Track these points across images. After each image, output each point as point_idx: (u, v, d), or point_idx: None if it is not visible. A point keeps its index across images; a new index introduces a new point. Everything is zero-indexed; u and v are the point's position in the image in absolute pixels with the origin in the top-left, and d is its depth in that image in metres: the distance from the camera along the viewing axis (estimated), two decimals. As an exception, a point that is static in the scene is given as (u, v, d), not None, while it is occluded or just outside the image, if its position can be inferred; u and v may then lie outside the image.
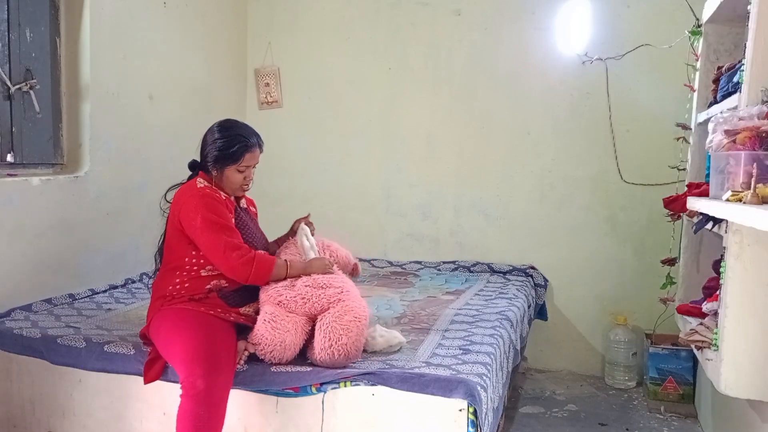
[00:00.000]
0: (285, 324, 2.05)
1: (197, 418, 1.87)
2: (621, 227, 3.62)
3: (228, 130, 2.25)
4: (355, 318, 2.06)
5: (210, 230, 2.12)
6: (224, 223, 2.16)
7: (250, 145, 2.23)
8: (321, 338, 2.03)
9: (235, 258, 2.10)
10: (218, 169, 2.23)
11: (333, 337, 2.02)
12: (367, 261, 3.82)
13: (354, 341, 2.04)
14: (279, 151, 4.13)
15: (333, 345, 2.01)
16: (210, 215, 2.13)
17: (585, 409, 3.17)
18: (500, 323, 2.59)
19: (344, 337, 2.02)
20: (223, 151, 2.21)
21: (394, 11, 3.91)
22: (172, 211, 2.23)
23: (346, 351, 2.02)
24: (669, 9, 3.38)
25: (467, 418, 1.88)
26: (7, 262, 2.58)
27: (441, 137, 3.89)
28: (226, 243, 2.11)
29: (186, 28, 3.57)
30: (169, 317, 2.12)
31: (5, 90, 2.64)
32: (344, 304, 2.09)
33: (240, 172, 2.24)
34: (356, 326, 2.05)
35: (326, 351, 2.02)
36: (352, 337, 2.03)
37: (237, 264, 2.11)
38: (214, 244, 2.12)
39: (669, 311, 3.07)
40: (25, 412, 2.35)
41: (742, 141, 1.74)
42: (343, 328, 2.03)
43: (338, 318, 2.04)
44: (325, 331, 2.04)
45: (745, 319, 1.83)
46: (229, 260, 2.11)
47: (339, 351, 2.01)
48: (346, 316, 2.05)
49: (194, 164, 2.32)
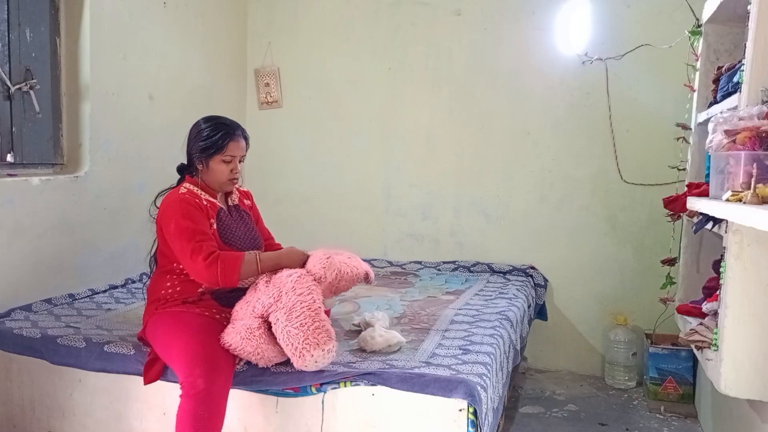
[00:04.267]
0: (235, 339, 1.99)
1: (197, 418, 1.87)
2: (621, 227, 3.62)
3: (211, 121, 2.25)
4: (303, 309, 1.96)
5: (181, 237, 2.09)
6: (197, 228, 2.10)
7: (233, 134, 2.22)
8: (286, 347, 1.96)
9: (200, 261, 2.05)
10: (204, 162, 2.22)
11: (294, 342, 1.94)
12: (367, 261, 3.81)
13: (313, 333, 1.94)
14: (279, 151, 4.13)
15: (298, 348, 1.94)
16: (183, 221, 2.10)
17: (585, 409, 3.17)
18: (500, 323, 2.59)
19: (301, 333, 1.93)
20: (207, 140, 2.20)
21: (394, 11, 3.91)
22: (158, 216, 2.23)
23: (316, 344, 1.93)
24: (669, 9, 3.38)
25: (467, 418, 1.88)
26: (7, 262, 2.58)
27: (441, 137, 3.89)
28: (193, 248, 2.06)
29: (186, 28, 3.57)
30: (165, 320, 2.12)
31: (5, 90, 2.64)
32: (287, 298, 1.98)
33: (226, 162, 2.22)
34: (309, 317, 1.95)
35: (297, 357, 1.94)
36: (308, 329, 1.94)
37: (202, 267, 2.05)
38: (182, 251, 2.09)
39: (669, 311, 3.07)
40: (25, 412, 2.35)
41: (742, 141, 1.74)
42: (296, 326, 1.94)
43: (288, 318, 1.96)
44: (284, 338, 1.96)
45: (745, 319, 1.83)
46: (195, 264, 2.06)
47: (308, 350, 1.93)
48: (294, 312, 1.96)
49: (182, 167, 2.32)
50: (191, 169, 2.29)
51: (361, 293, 3.10)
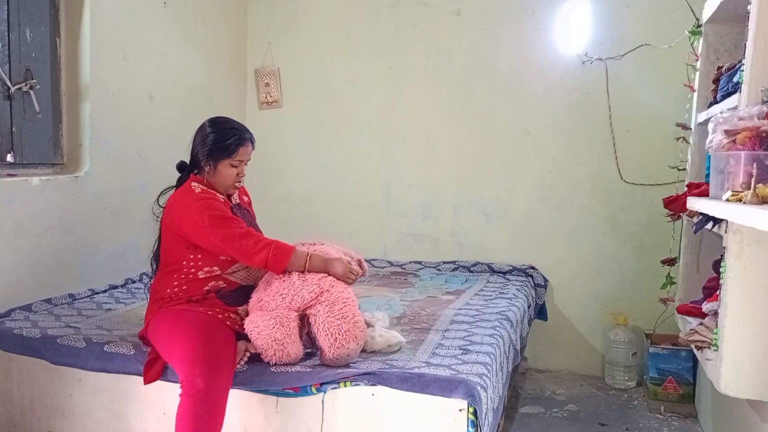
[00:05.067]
0: (267, 323, 2.04)
1: (197, 417, 1.87)
2: (621, 227, 3.62)
3: (221, 125, 2.26)
4: (344, 304, 2.07)
5: (220, 225, 2.13)
6: (231, 216, 2.19)
7: (243, 138, 2.24)
8: (324, 337, 2.03)
9: (252, 245, 2.12)
10: (212, 165, 2.23)
11: (334, 332, 2.02)
12: (367, 261, 3.81)
13: (352, 326, 2.04)
14: (279, 151, 4.13)
15: (338, 339, 2.01)
16: (215, 212, 2.15)
17: (585, 409, 3.17)
18: (500, 323, 2.59)
19: (343, 324, 2.03)
20: (217, 145, 2.21)
21: (394, 11, 3.91)
22: (166, 215, 2.22)
23: (353, 337, 2.03)
24: (669, 9, 3.38)
25: (467, 418, 1.88)
26: (7, 262, 2.58)
27: (441, 137, 3.89)
28: (240, 233, 2.13)
29: (186, 28, 3.57)
30: (167, 318, 2.12)
31: (5, 90, 2.64)
32: (329, 294, 2.09)
33: (233, 166, 2.24)
34: (350, 311, 2.06)
35: (334, 347, 2.02)
36: (349, 322, 2.04)
37: (255, 248, 2.11)
38: (228, 237, 2.13)
39: (669, 311, 3.06)
40: (25, 412, 2.35)
41: (742, 141, 1.74)
42: (338, 317, 2.03)
43: (330, 311, 2.05)
44: (323, 328, 2.04)
45: (745, 319, 1.83)
46: (247, 246, 2.12)
47: (345, 341, 2.02)
48: (336, 306, 2.06)
49: (182, 165, 2.32)
50: (194, 169, 2.29)
51: (361, 293, 3.10)
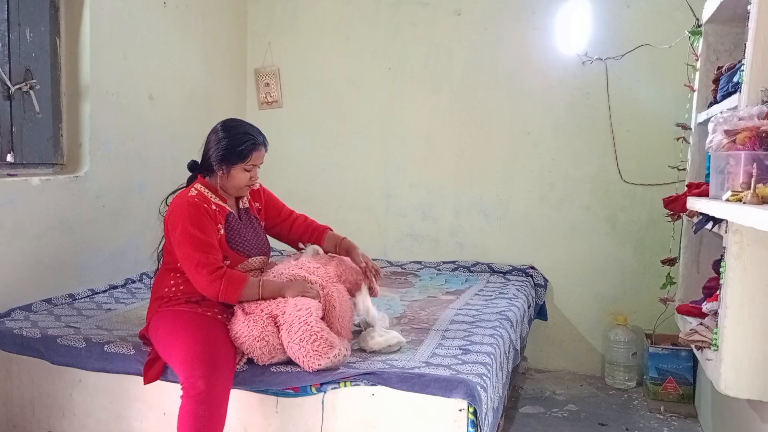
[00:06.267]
0: (242, 326, 2.04)
1: (198, 418, 1.87)
2: (621, 227, 3.62)
3: (234, 129, 2.24)
4: (301, 323, 2.00)
5: (186, 244, 2.10)
6: (203, 238, 2.11)
7: (257, 143, 2.24)
8: (296, 359, 2.02)
9: (205, 274, 2.07)
10: (225, 170, 2.22)
11: (300, 356, 1.99)
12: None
13: (313, 344, 1.97)
14: (279, 151, 4.09)
15: (305, 361, 1.98)
16: (190, 229, 2.10)
17: (585, 409, 3.17)
18: (500, 323, 2.59)
19: (304, 346, 1.97)
20: (231, 150, 2.20)
21: (394, 11, 3.91)
22: (166, 216, 2.23)
23: (319, 354, 1.97)
24: (669, 9, 3.39)
25: (467, 418, 1.88)
26: (7, 262, 2.58)
27: (441, 137, 3.89)
28: (198, 260, 2.08)
29: (186, 28, 3.56)
30: (167, 319, 2.12)
31: (5, 90, 2.64)
32: (283, 317, 2.04)
33: (246, 171, 2.24)
34: (308, 330, 1.99)
35: (307, 366, 1.98)
36: (308, 343, 1.97)
37: (206, 281, 2.07)
38: (187, 259, 2.10)
39: (669, 311, 3.07)
40: (25, 412, 2.35)
41: (742, 141, 1.74)
42: (296, 342, 1.99)
43: (289, 335, 2.00)
44: (291, 353, 2.02)
45: (745, 319, 1.83)
46: (200, 276, 2.08)
47: (316, 358, 1.97)
48: (293, 328, 2.00)
49: (194, 165, 2.31)
50: (204, 170, 2.29)
51: (361, 293, 3.09)
